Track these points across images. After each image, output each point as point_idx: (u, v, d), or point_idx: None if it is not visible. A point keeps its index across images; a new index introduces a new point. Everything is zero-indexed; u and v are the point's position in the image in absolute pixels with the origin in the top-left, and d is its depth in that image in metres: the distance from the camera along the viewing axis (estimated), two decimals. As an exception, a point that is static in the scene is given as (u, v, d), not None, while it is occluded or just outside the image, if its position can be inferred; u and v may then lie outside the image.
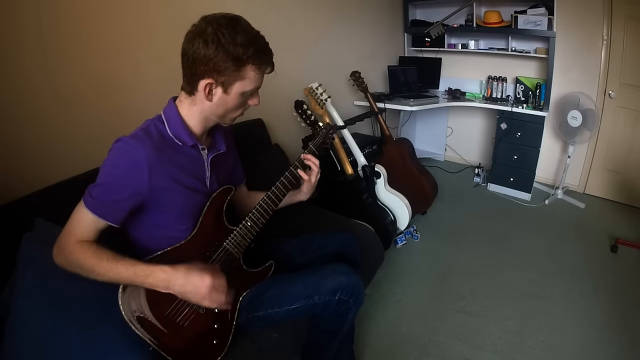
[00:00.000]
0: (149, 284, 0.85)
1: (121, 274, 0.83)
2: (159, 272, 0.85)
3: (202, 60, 0.85)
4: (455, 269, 2.09)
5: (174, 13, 1.58)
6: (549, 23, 2.57)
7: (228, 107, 0.94)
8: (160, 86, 1.31)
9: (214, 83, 0.88)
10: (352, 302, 1.08)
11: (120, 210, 0.87)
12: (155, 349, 0.90)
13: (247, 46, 0.85)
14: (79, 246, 0.83)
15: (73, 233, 0.84)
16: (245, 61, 0.86)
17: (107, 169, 0.86)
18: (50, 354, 0.85)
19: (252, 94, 0.95)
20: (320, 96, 2.13)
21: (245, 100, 0.95)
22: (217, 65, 0.85)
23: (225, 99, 0.92)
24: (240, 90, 0.91)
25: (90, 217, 0.85)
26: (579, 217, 2.65)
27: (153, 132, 0.92)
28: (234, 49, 0.84)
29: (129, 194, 0.87)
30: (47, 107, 1.28)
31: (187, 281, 0.86)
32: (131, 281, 0.85)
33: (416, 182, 2.47)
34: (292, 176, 1.11)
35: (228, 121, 1.00)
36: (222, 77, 0.87)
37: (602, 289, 1.90)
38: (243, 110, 0.99)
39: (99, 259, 0.82)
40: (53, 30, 1.27)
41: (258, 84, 0.93)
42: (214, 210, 1.02)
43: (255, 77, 0.90)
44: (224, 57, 0.84)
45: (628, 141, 2.69)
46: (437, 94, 3.21)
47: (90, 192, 0.86)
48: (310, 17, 2.45)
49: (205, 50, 0.84)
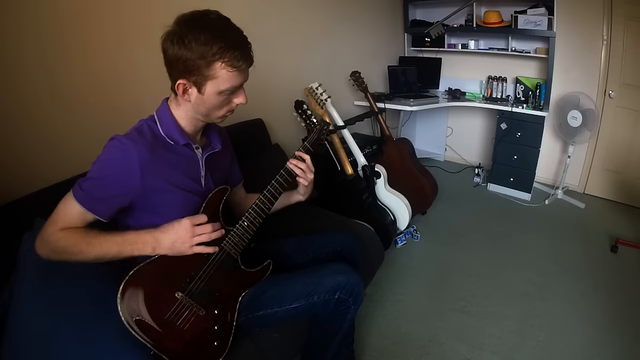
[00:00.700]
0: (137, 249, 0.87)
1: (111, 246, 0.84)
2: (144, 234, 0.88)
3: (172, 61, 0.85)
4: (455, 269, 2.09)
5: (172, 12, 1.57)
6: (549, 23, 2.57)
7: (208, 107, 0.92)
8: (158, 85, 1.30)
9: (187, 83, 0.87)
10: (351, 301, 1.08)
11: (109, 206, 0.88)
12: (156, 352, 0.89)
13: (211, 43, 0.81)
14: (64, 232, 0.84)
15: (58, 222, 0.85)
16: (211, 58, 0.82)
17: (99, 164, 0.87)
18: (50, 355, 0.85)
19: (234, 92, 0.92)
20: (320, 96, 2.13)
21: (227, 98, 0.92)
22: (186, 66, 0.83)
23: (202, 99, 0.89)
24: (215, 89, 0.87)
25: (78, 209, 0.85)
26: (579, 217, 2.64)
27: (146, 131, 0.92)
28: (197, 47, 0.81)
29: (119, 192, 0.87)
30: (46, 107, 1.29)
31: (168, 233, 0.88)
32: (120, 251, 0.85)
33: (416, 182, 2.47)
34: (288, 174, 1.08)
35: (215, 120, 0.98)
36: (193, 76, 0.85)
37: (602, 289, 1.90)
38: (229, 109, 0.96)
39: (85, 237, 0.83)
40: (52, 31, 1.27)
41: (235, 82, 0.88)
42: (211, 211, 1.02)
43: (228, 76, 0.86)
44: (189, 56, 0.82)
45: (628, 141, 2.69)
46: (437, 94, 3.21)
47: (80, 184, 0.86)
48: (310, 17, 2.45)
49: (172, 51, 0.83)
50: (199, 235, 0.91)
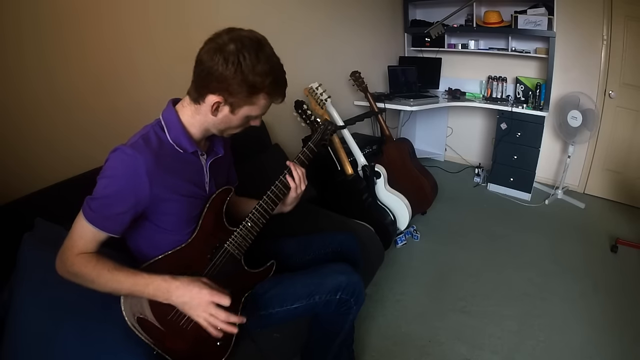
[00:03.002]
0: (148, 293, 0.85)
1: (122, 283, 0.83)
2: (159, 280, 0.85)
3: (217, 77, 0.82)
4: (455, 269, 2.09)
5: (171, 12, 1.58)
6: (549, 23, 2.57)
7: (231, 125, 0.93)
8: (158, 85, 1.32)
9: (223, 102, 0.86)
10: (353, 301, 1.08)
11: (122, 222, 0.86)
12: (158, 352, 0.89)
13: (265, 76, 0.83)
14: (79, 259, 0.82)
15: (74, 246, 0.84)
16: (259, 90, 0.85)
17: (105, 181, 0.84)
18: (51, 355, 0.85)
19: (256, 117, 0.94)
20: (320, 96, 2.13)
21: (248, 121, 0.94)
22: (231, 87, 0.83)
23: (230, 118, 0.90)
24: (247, 113, 0.90)
25: (91, 230, 0.84)
26: (579, 217, 2.65)
27: (152, 139, 0.89)
28: (253, 77, 0.82)
29: (129, 206, 0.85)
30: (45, 107, 1.28)
31: (186, 292, 0.85)
32: (132, 291, 0.84)
33: (416, 182, 2.47)
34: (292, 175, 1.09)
35: (226, 135, 0.99)
36: (233, 98, 0.85)
37: (602, 289, 1.90)
38: (244, 128, 0.98)
39: (99, 271, 0.82)
40: (51, 31, 1.27)
41: (265, 111, 0.93)
42: (214, 212, 1.02)
43: (264, 105, 0.91)
44: (240, 82, 0.82)
45: (628, 141, 2.69)
46: (437, 94, 3.21)
47: (89, 204, 0.84)
48: (310, 17, 2.45)
49: (223, 69, 0.81)
50: (212, 316, 0.86)
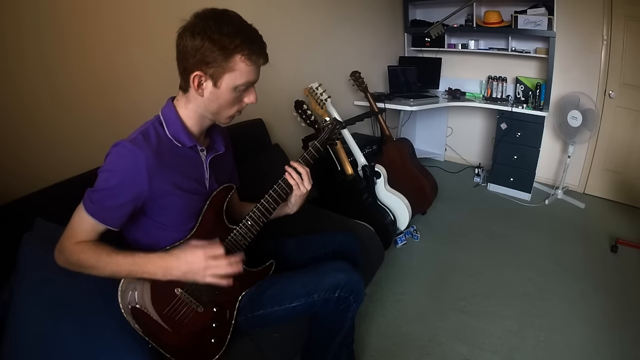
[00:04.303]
0: (147, 272, 0.86)
1: (121, 265, 0.85)
2: (156, 258, 0.87)
3: (190, 52, 0.84)
4: (455, 269, 2.09)
5: (171, 13, 1.57)
6: (549, 23, 2.57)
7: (221, 103, 0.91)
8: (157, 85, 1.31)
9: (203, 75, 0.87)
10: (352, 299, 1.08)
11: (121, 215, 0.88)
12: (154, 346, 0.90)
13: (233, 35, 0.83)
14: (78, 247, 0.84)
15: (73, 236, 0.86)
16: (232, 50, 0.84)
17: (106, 174, 0.86)
18: (50, 355, 0.85)
19: (246, 89, 0.92)
20: (320, 96, 2.13)
21: (239, 96, 0.92)
22: (205, 56, 0.84)
23: (217, 93, 0.89)
24: (231, 83, 0.88)
25: (90, 222, 0.85)
26: (579, 217, 2.64)
27: (152, 135, 0.90)
28: (220, 37, 0.82)
29: (129, 199, 0.87)
30: (45, 107, 1.29)
31: (181, 261, 0.87)
32: (131, 272, 0.86)
33: (416, 182, 2.47)
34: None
35: (223, 119, 0.97)
36: (211, 68, 0.85)
37: (602, 289, 1.90)
38: (239, 109, 0.96)
39: (98, 255, 0.84)
40: (51, 32, 1.27)
41: (251, 78, 0.90)
42: (214, 209, 1.02)
43: (246, 69, 0.87)
44: (210, 47, 0.83)
45: (628, 141, 2.69)
46: (437, 94, 3.21)
47: (90, 196, 0.86)
48: (311, 17, 2.45)
49: (192, 42, 0.83)
50: (214, 268, 0.88)
